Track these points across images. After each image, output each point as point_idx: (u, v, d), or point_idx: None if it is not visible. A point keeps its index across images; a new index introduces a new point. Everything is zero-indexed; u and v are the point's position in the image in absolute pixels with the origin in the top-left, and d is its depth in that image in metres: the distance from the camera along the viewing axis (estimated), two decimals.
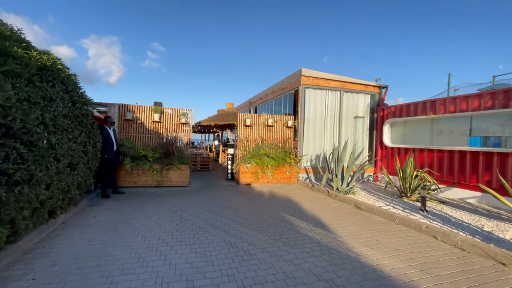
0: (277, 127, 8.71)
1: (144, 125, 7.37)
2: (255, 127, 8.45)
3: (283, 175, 8.10)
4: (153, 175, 6.80)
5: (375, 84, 9.48)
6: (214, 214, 4.76)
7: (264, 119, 8.57)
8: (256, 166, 7.80)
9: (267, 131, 8.58)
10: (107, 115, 6.30)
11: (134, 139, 7.27)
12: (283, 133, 8.76)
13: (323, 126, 9.00)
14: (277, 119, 8.73)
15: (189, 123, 7.74)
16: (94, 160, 4.86)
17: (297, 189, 7.42)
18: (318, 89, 8.87)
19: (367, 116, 9.56)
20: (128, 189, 6.68)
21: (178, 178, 7.18)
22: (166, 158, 6.98)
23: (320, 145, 8.96)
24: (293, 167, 8.15)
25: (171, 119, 7.61)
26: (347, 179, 6.64)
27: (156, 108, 7.27)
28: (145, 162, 6.75)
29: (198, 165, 10.74)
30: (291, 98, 9.60)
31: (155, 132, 7.43)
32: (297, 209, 5.25)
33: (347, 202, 5.91)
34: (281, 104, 10.56)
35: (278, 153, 8.26)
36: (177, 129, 7.64)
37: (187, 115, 7.63)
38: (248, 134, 8.36)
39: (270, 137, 8.60)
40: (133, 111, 7.24)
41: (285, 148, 8.54)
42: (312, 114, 8.85)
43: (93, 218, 4.37)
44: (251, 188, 7.31)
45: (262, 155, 8.02)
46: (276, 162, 7.88)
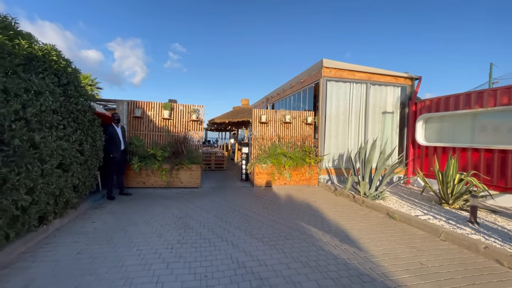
0: (295, 124, 8.01)
1: (154, 123, 6.99)
2: (271, 124, 7.81)
3: (302, 177, 7.40)
4: (162, 175, 6.40)
5: (407, 75, 8.46)
6: (223, 222, 4.21)
7: (281, 115, 7.90)
8: (272, 167, 7.16)
9: (284, 128, 7.91)
10: (114, 112, 5.96)
11: (143, 137, 6.91)
12: (302, 130, 8.04)
13: (347, 123, 8.17)
14: (295, 115, 8.02)
15: (201, 120, 7.26)
16: (95, 159, 4.49)
17: (318, 192, 6.70)
18: (341, 81, 8.04)
19: (397, 111, 8.57)
20: (136, 190, 6.33)
21: (189, 179, 6.73)
22: (176, 157, 6.55)
23: (344, 144, 8.14)
24: (313, 167, 7.42)
25: (182, 116, 7.18)
26: (375, 182, 5.82)
27: (165, 104, 6.86)
28: (154, 162, 6.36)
29: (213, 164, 10.30)
30: (311, 92, 8.84)
31: (166, 130, 7.03)
32: (318, 217, 4.56)
33: (376, 209, 5.12)
34: (300, 100, 9.82)
35: (296, 152, 7.57)
36: (188, 127, 7.19)
37: (198, 111, 7.16)
38: (264, 132, 7.74)
39: (287, 135, 7.92)
40: (142, 107, 6.88)
41: (304, 147, 7.82)
42: (334, 109, 8.05)
43: (91, 223, 3.99)
44: (266, 191, 6.70)
45: (278, 154, 7.38)
46: (295, 163, 7.19)
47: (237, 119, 9.84)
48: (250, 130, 8.02)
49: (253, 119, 7.68)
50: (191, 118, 7.08)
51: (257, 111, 7.74)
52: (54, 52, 3.81)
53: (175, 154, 6.57)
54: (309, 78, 8.66)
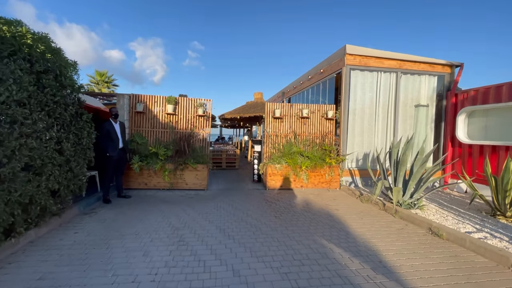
0: (314, 119, 7.13)
1: (157, 118, 6.41)
2: (286, 119, 6.99)
3: (321, 179, 6.54)
4: (165, 176, 5.80)
5: (445, 62, 7.29)
6: (225, 236, 3.50)
7: (298, 109, 7.05)
8: (287, 167, 6.36)
9: (301, 124, 7.05)
10: (112, 106, 5.42)
11: (146, 134, 6.36)
12: (322, 126, 7.15)
13: (373, 118, 7.17)
14: (313, 109, 7.14)
15: (208, 115, 6.59)
16: (81, 160, 3.93)
17: (340, 197, 5.82)
18: (367, 70, 7.04)
19: (432, 104, 7.43)
20: (137, 191, 5.79)
21: (194, 180, 6.10)
22: (179, 157, 5.93)
23: (369, 142, 7.15)
24: (334, 168, 6.53)
25: (187, 111, 6.54)
26: (411, 188, 4.86)
27: (169, 98, 6.25)
28: (156, 161, 5.78)
29: (224, 163, 9.65)
30: (332, 84, 7.89)
31: (170, 126, 6.43)
32: (342, 232, 3.73)
33: (414, 222, 4.19)
34: (319, 93, 8.89)
35: (315, 151, 6.70)
36: (195, 123, 6.55)
37: (205, 105, 6.49)
38: (278, 128, 6.93)
39: (305, 131, 7.06)
40: (144, 102, 6.32)
41: (324, 145, 6.93)
42: (359, 102, 7.08)
43: (72, 234, 3.43)
44: (280, 195, 5.92)
45: (294, 153, 6.56)
46: (313, 163, 6.34)
47: (249, 114, 9.03)
48: (264, 126, 7.25)
49: (266, 113, 6.90)
50: (197, 113, 6.43)
51: (270, 105, 6.95)
52: (29, 35, 3.25)
53: (178, 153, 5.95)
54: (330, 67, 7.71)
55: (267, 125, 6.89)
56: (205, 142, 6.61)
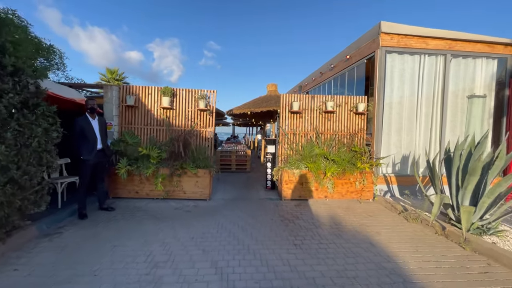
0: (340, 114, 5.85)
1: (151, 114, 5.40)
2: (306, 114, 5.76)
3: (350, 187, 5.27)
4: (157, 184, 4.77)
5: (509, 40, 5.77)
6: (222, 280, 2.37)
7: (321, 102, 5.80)
8: (308, 173, 5.15)
9: (324, 120, 5.80)
10: (89, 98, 4.45)
11: (138, 133, 5.37)
12: (350, 123, 5.85)
13: (414, 112, 5.80)
14: (340, 101, 5.85)
15: (211, 109, 5.49)
16: (31, 167, 2.93)
17: (377, 213, 4.54)
18: (407, 53, 5.68)
19: (490, 93, 5.95)
20: (126, 201, 4.80)
21: (194, 188, 5.03)
22: (175, 160, 4.88)
23: (409, 142, 5.80)
24: (367, 175, 5.24)
25: (187, 105, 5.48)
26: (483, 206, 3.51)
27: (165, 89, 5.21)
28: (148, 165, 4.76)
29: (233, 165, 8.55)
30: (361, 72, 6.56)
31: (166, 123, 5.40)
32: (395, 276, 2.50)
33: (500, 260, 2.86)
34: (343, 84, 7.57)
35: (342, 153, 5.44)
36: (195, 118, 5.48)
37: (207, 98, 5.40)
38: (296, 125, 5.72)
39: (329, 129, 5.80)
40: (136, 94, 5.32)
41: (354, 146, 5.63)
42: (396, 93, 5.74)
43: (11, 271, 2.43)
44: (300, 208, 4.72)
45: (317, 156, 5.33)
46: (340, 168, 5.09)
47: (261, 108, 7.85)
48: (278, 123, 6.07)
49: (282, 107, 5.70)
50: (199, 107, 5.34)
51: (286, 97, 5.75)
52: None
53: (175, 156, 4.89)
54: (359, 52, 6.39)
55: (282, 122, 5.70)
56: (208, 142, 5.52)
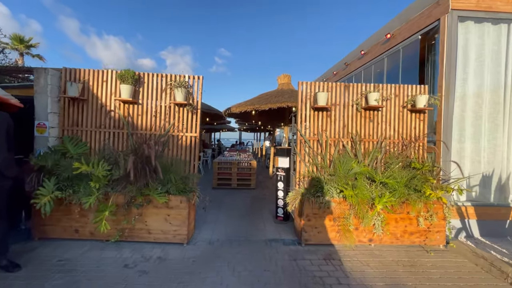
0: (388, 111, 3.95)
1: (106, 110, 3.65)
2: (337, 111, 3.88)
3: (409, 225, 3.34)
4: (101, 220, 2.96)
5: None
6: None
7: (359, 93, 3.92)
8: (344, 203, 3.25)
9: (365, 120, 3.91)
10: None
11: (88, 138, 3.62)
12: (404, 125, 3.94)
13: (501, 109, 3.85)
14: (388, 92, 3.95)
15: (195, 104, 3.69)
16: None
17: (464, 276, 2.58)
18: (489, 20, 3.78)
19: None
20: (56, 246, 3.03)
21: (164, 225, 3.21)
22: (137, 181, 3.05)
23: (493, 153, 3.83)
24: (436, 206, 3.29)
25: (158, 97, 3.70)
26: None
27: (125, 72, 3.45)
28: (90, 191, 2.98)
29: (234, 180, 6.70)
30: (411, 55, 4.66)
31: (128, 125, 3.63)
32: None
33: None
34: (380, 76, 5.67)
35: (396, 172, 3.50)
36: (171, 117, 3.69)
37: (189, 87, 3.61)
38: (322, 128, 3.85)
39: (372, 134, 3.90)
40: (83, 80, 3.59)
41: (414, 162, 3.68)
42: (472, 82, 3.82)
43: None
44: (331, 263, 2.83)
45: (357, 176, 3.42)
46: (397, 196, 3.16)
47: (270, 105, 5.51)
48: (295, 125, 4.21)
49: (300, 102, 3.85)
50: (175, 100, 3.54)
51: (307, 87, 3.88)
52: None
53: (134, 175, 3.07)
54: (408, 26, 4.52)
55: (301, 123, 3.84)
56: (191, 153, 3.71)
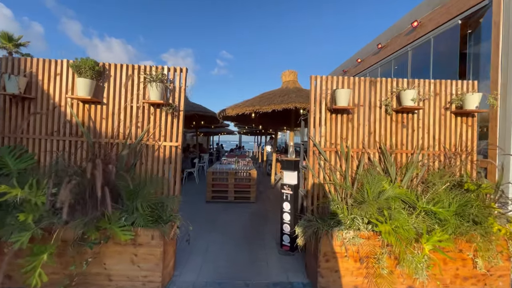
0: (426, 114, 3.07)
1: (61, 112, 2.79)
2: (360, 113, 3.01)
3: (462, 268, 2.46)
4: (36, 275, 2.09)
5: None
6: None
7: (388, 90, 3.05)
8: (374, 238, 2.39)
9: (396, 126, 3.03)
10: None
11: (35, 148, 2.77)
12: (447, 131, 3.07)
13: None
14: (427, 90, 3.06)
15: (176, 106, 2.83)
16: None
17: None
18: None
19: None
20: None
21: (129, 270, 2.35)
22: (94, 208, 2.18)
23: None
24: (500, 242, 2.41)
25: (128, 95, 2.84)
26: None
27: (82, 62, 2.60)
28: (24, 226, 2.12)
29: (231, 192, 5.84)
30: (446, 45, 3.80)
31: (89, 132, 2.78)
32: None
33: None
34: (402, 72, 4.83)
35: (442, 194, 2.62)
36: (145, 121, 2.82)
37: (168, 82, 2.76)
38: (341, 135, 2.98)
39: (405, 142, 3.03)
40: (28, 73, 2.74)
41: (465, 179, 2.80)
42: None
43: None
44: None
45: (389, 201, 2.55)
46: (450, 231, 2.29)
47: (274, 106, 4.39)
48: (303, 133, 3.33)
49: (314, 102, 2.98)
50: (149, 99, 2.68)
51: (323, 82, 3.01)
52: None
53: (90, 200, 2.21)
54: (442, 11, 3.67)
55: (314, 128, 2.97)
56: (168, 168, 2.85)
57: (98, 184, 1.83)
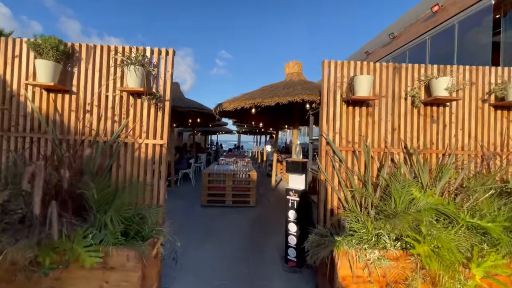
0: (460, 107, 2.59)
1: (19, 101, 2.30)
2: (382, 106, 2.53)
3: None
4: None
5: None
6: None
7: (415, 78, 2.56)
8: (404, 259, 1.91)
9: (422, 120, 2.55)
10: None
11: None
12: (485, 127, 2.59)
13: None
14: (462, 78, 2.58)
15: (163, 94, 2.34)
16: None
17: None
18: None
19: None
20: None
21: None
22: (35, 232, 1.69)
23: None
24: None
25: (102, 82, 2.34)
26: None
27: (43, 40, 2.11)
28: None
29: (229, 195, 5.35)
30: (480, 28, 3.32)
31: (54, 127, 2.28)
32: None
33: None
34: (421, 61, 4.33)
35: (486, 204, 2.14)
36: (124, 114, 2.33)
37: (150, 65, 2.27)
38: (360, 131, 2.49)
39: (434, 140, 2.55)
40: None
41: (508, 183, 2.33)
42: None
43: None
44: None
45: (423, 213, 2.06)
46: (504, 252, 1.81)
47: (279, 99, 3.85)
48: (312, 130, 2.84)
49: (326, 92, 2.49)
50: (127, 86, 2.20)
51: (337, 68, 2.52)
52: None
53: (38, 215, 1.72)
54: None
55: (327, 123, 2.48)
56: (152, 171, 2.36)
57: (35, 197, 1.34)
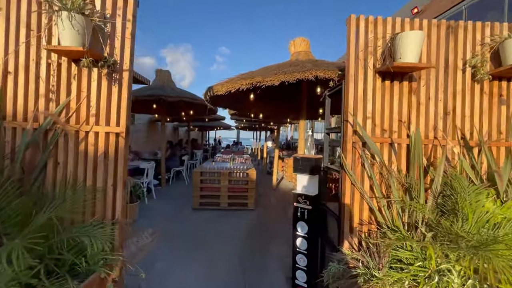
0: None
1: None
2: (430, 80, 1.81)
3: None
4: None
5: None
6: None
7: (478, 42, 1.84)
8: None
9: (486, 100, 1.84)
10: None
11: None
12: None
13: None
14: None
15: (121, 58, 1.63)
16: None
17: None
18: None
19: None
20: None
21: None
22: None
23: None
24: None
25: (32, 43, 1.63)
26: None
27: None
28: None
29: (224, 197, 4.66)
30: None
31: None
32: None
33: None
34: None
35: None
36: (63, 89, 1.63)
37: (92, 13, 1.55)
38: (400, 115, 1.78)
39: (502, 128, 1.84)
40: None
41: None
42: None
43: None
44: None
45: (500, 229, 1.37)
46: None
47: (284, 76, 2.95)
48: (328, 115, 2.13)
49: (354, 61, 1.79)
50: (59, 45, 1.49)
51: (367, 26, 1.81)
52: None
53: None
54: None
55: (355, 104, 1.77)
56: (105, 170, 1.66)
57: None
